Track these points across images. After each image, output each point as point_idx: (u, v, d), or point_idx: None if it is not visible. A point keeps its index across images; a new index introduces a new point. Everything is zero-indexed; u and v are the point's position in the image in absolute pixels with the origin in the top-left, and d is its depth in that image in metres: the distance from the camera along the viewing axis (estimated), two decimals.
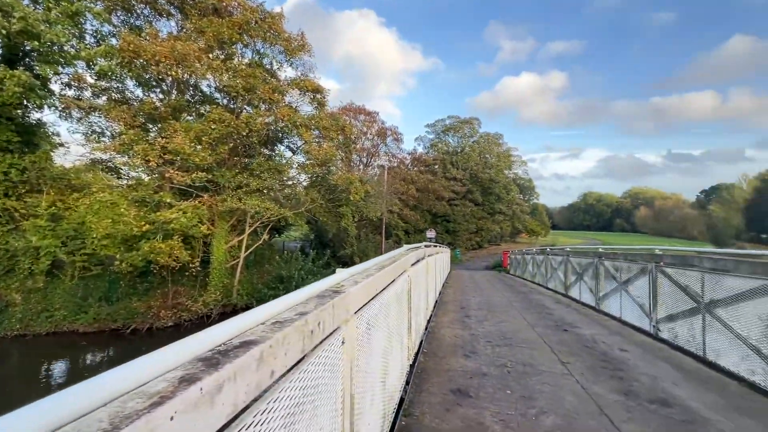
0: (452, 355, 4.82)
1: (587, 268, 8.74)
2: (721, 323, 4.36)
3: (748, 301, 3.98)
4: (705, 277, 4.63)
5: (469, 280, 16.03)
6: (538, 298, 9.89)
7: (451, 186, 47.13)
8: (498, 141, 58.57)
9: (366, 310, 2.27)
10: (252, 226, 20.24)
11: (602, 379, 4.02)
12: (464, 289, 12.18)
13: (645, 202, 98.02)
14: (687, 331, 4.99)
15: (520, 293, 11.10)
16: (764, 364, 3.75)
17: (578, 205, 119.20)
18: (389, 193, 30.10)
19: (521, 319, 7.08)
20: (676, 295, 5.24)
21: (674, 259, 5.35)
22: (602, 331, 6.14)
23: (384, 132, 34.93)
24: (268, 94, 15.64)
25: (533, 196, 73.59)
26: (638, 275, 6.31)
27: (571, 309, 8.27)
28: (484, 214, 51.26)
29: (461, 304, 8.77)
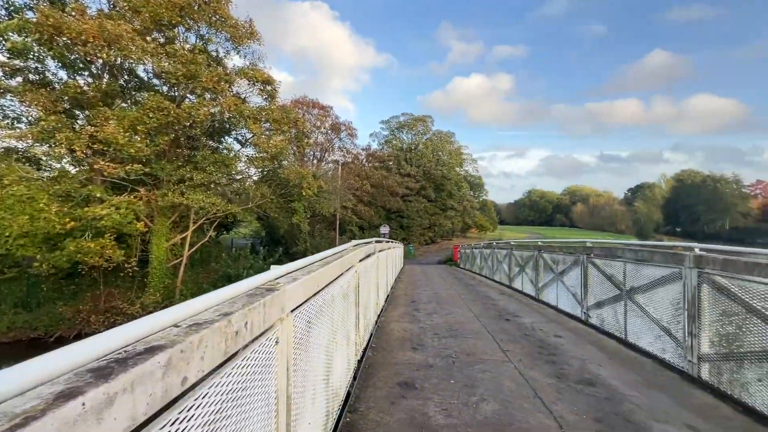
0: (400, 348, 4.89)
1: (528, 260, 9.30)
2: (639, 308, 4.83)
3: (660, 287, 4.45)
4: (627, 267, 5.11)
5: (421, 274, 16.39)
6: (484, 290, 10.36)
7: (405, 182, 47.76)
8: (450, 139, 60.25)
9: (306, 307, 2.21)
10: (197, 222, 19.09)
11: (538, 364, 4.29)
12: (416, 283, 12.43)
13: (581, 199, 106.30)
14: (612, 316, 5.49)
15: (468, 286, 11.55)
16: (673, 344, 4.22)
17: (523, 201, 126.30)
18: (343, 189, 29.87)
19: (468, 310, 7.36)
20: (603, 284, 5.73)
21: (602, 250, 5.85)
22: (540, 319, 6.56)
23: (338, 126, 34.54)
24: (212, 82, 14.73)
25: (483, 193, 76.71)
26: (572, 266, 6.83)
27: (513, 299, 8.75)
28: (437, 210, 52.63)
29: (412, 298, 8.93)
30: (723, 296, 3.56)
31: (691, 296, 3.92)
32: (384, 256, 8.27)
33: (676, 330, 4.15)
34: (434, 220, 51.47)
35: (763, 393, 3.12)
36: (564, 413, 3.13)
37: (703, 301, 3.80)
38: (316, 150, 36.49)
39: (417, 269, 19.98)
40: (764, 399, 3.11)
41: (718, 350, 3.63)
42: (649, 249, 4.80)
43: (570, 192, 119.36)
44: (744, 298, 3.32)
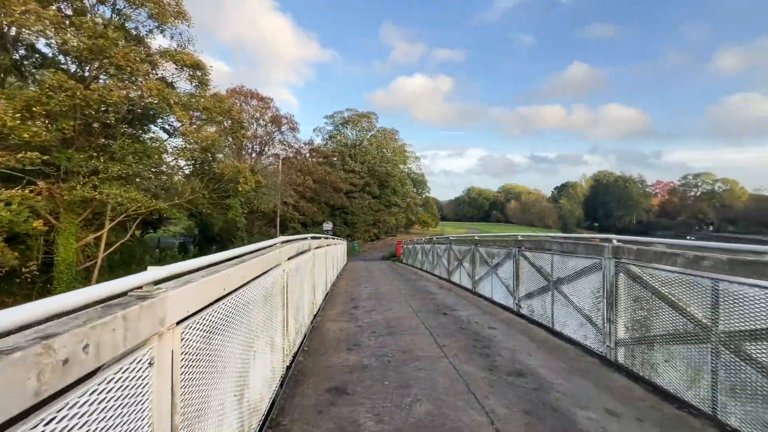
0: (335, 350, 4.63)
1: (466, 254, 9.53)
2: (564, 298, 5.07)
3: (583, 277, 4.69)
4: (554, 259, 5.35)
5: (364, 270, 16.23)
6: (424, 285, 10.46)
7: (349, 178, 47.36)
8: (394, 136, 60.86)
9: (206, 316, 1.86)
10: (114, 220, 17.03)
11: (472, 358, 4.29)
12: (357, 279, 12.22)
13: (515, 196, 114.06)
14: (541, 306, 5.73)
15: (408, 281, 11.60)
16: (594, 331, 4.46)
17: (463, 198, 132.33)
18: (285, 185, 28.71)
19: (407, 306, 7.31)
20: (533, 275, 5.97)
21: (532, 243, 6.09)
22: (476, 312, 6.70)
23: (279, 119, 33.07)
24: (125, 60, 13.09)
25: (425, 190, 78.83)
26: (505, 259, 7.06)
27: (452, 293, 8.91)
28: (382, 207, 52.96)
29: (352, 295, 8.70)
30: (636, 284, 3.80)
31: (609, 285, 4.16)
32: (322, 253, 7.93)
33: (597, 317, 4.39)
34: (379, 216, 51.74)
35: (669, 372, 3.36)
36: (496, 407, 3.10)
37: (620, 289, 4.04)
38: (255, 143, 34.69)
39: (360, 266, 19.81)
40: (669, 378, 3.35)
41: (632, 335, 3.88)
42: (573, 241, 5.06)
43: (505, 190, 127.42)
44: (654, 285, 3.56)
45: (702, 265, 3.03)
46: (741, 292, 2.75)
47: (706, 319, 3.02)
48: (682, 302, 3.26)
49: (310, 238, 6.21)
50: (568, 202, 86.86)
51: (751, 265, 2.66)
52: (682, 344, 3.25)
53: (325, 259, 8.68)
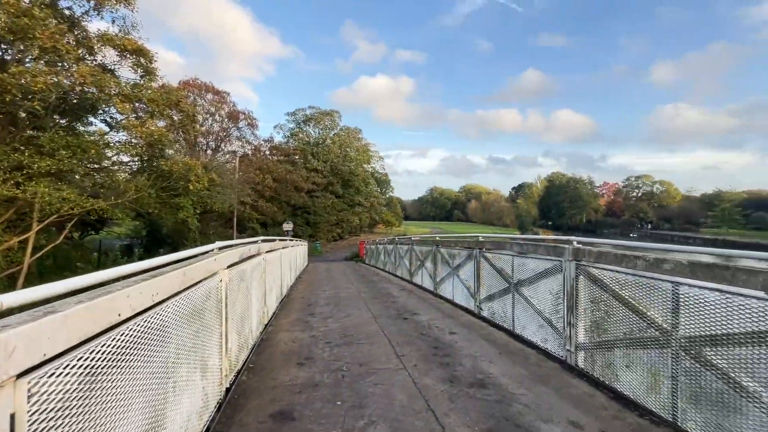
0: (284, 365, 4.20)
1: (427, 255, 9.37)
2: (525, 300, 4.97)
3: (543, 279, 4.60)
4: (515, 261, 5.24)
5: (325, 272, 15.72)
6: (385, 287, 10.19)
7: (311, 177, 46.31)
8: (358, 135, 60.42)
9: (81, 354, 1.41)
10: (43, 221, 15.24)
11: (432, 368, 4.04)
12: (317, 282, 11.73)
13: (475, 196, 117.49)
14: (502, 309, 5.62)
15: (370, 283, 11.29)
16: (555, 334, 4.37)
17: (426, 198, 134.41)
18: (242, 183, 27.36)
19: (366, 311, 6.98)
20: (494, 277, 5.86)
21: (493, 244, 5.98)
22: (437, 315, 6.50)
23: (236, 114, 31.51)
24: (50, 41, 11.68)
25: (389, 190, 79.10)
26: (466, 260, 6.93)
27: (413, 295, 8.70)
28: (345, 206, 52.30)
29: (309, 300, 8.24)
30: (597, 287, 3.73)
31: (570, 288, 4.07)
32: (276, 256, 7.42)
33: (557, 321, 4.31)
34: (342, 216, 51.05)
35: (630, 378, 3.29)
36: (456, 427, 2.85)
37: (580, 291, 3.96)
38: (210, 139, 32.86)
39: (322, 267, 19.24)
40: (631, 384, 3.28)
41: (592, 339, 3.80)
42: (533, 243, 4.97)
43: (466, 190, 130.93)
44: (614, 288, 3.49)
45: (663, 268, 2.96)
46: (702, 296, 2.68)
47: (667, 323, 2.95)
48: (642, 306, 3.19)
49: (261, 242, 5.72)
50: (524, 202, 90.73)
51: (712, 268, 2.59)
52: (642, 349, 3.18)
53: (281, 262, 8.16)
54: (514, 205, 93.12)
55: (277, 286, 7.60)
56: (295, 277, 12.27)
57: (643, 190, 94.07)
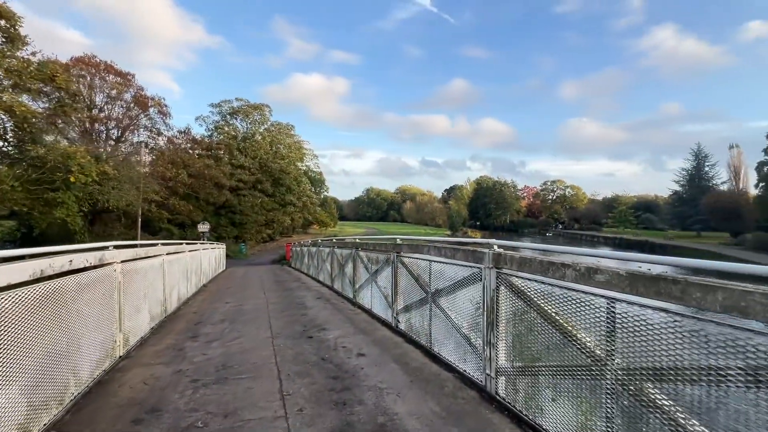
0: (115, 423, 2.94)
1: (347, 259, 8.45)
2: (443, 313, 4.27)
3: (463, 289, 3.92)
4: (432, 267, 4.52)
5: (241, 279, 14.03)
6: (301, 296, 9.05)
7: (237, 174, 42.97)
8: (290, 132, 57.73)
9: None
10: None
11: (322, 412, 3.09)
12: (223, 292, 10.17)
13: (410, 197, 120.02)
14: (419, 322, 4.88)
15: (285, 291, 10.04)
16: (474, 355, 3.69)
17: (363, 198, 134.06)
18: (149, 178, 23.95)
19: (266, 329, 5.82)
20: (411, 285, 5.11)
21: (411, 248, 5.23)
22: (349, 331, 5.59)
23: (144, 101, 27.60)
24: None
25: (324, 189, 77.10)
26: (384, 266, 6.13)
27: (329, 305, 7.71)
28: (276, 206, 49.39)
29: (201, 317, 6.81)
30: (520, 300, 3.09)
31: (489, 300, 3.41)
32: (156, 265, 5.92)
33: (476, 339, 3.64)
34: (273, 216, 48.04)
35: (557, 415, 2.66)
36: None
37: (501, 305, 3.31)
38: (111, 126, 28.47)
39: (240, 272, 17.36)
40: (558, 422, 2.65)
41: (515, 363, 3.16)
42: (452, 246, 4.29)
43: (401, 191, 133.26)
44: (539, 302, 2.86)
45: (595, 279, 2.35)
46: (643, 316, 2.09)
47: (600, 349, 2.35)
48: (570, 325, 2.57)
49: (113, 248, 4.30)
50: (455, 204, 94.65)
51: (656, 281, 2.00)
52: (571, 379, 2.57)
53: (165, 273, 6.62)
54: (446, 206, 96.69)
55: (156, 303, 6.09)
56: (199, 286, 10.56)
57: (557, 194, 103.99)
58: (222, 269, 17.88)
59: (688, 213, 62.40)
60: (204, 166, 27.27)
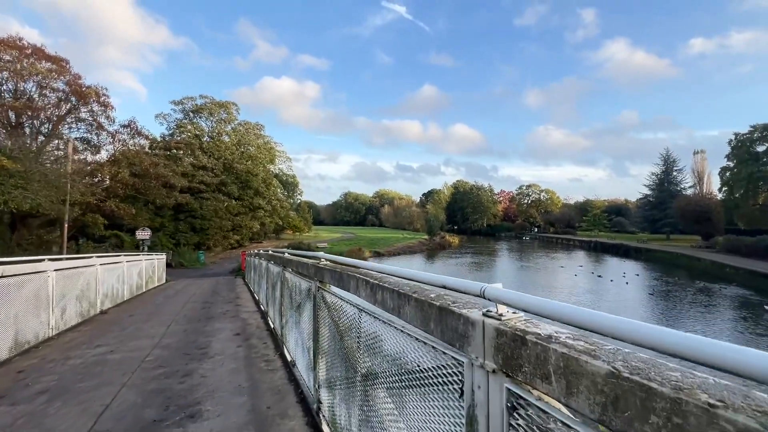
0: None
1: (277, 280, 6.08)
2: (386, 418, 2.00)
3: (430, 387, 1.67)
4: (362, 318, 2.26)
5: (167, 298, 11.35)
6: (218, 329, 6.59)
7: (200, 176, 39.61)
8: (259, 132, 54.65)
9: None
10: None
11: None
12: (122, 321, 7.55)
13: (388, 201, 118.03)
14: (346, 418, 2.59)
15: (203, 320, 7.52)
16: None
17: (340, 203, 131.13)
18: (77, 176, 20.65)
19: (91, 416, 3.38)
20: (336, 344, 2.82)
21: (334, 276, 2.92)
22: (240, 420, 3.25)
23: (80, 91, 24.16)
24: None
25: (298, 193, 74.00)
26: (306, 299, 3.82)
27: (243, 350, 5.31)
28: (244, 210, 46.05)
29: (29, 376, 4.28)
30: None
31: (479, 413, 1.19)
32: None
33: None
34: (240, 221, 44.63)
35: None
36: None
37: None
38: (42, 118, 24.84)
39: (177, 287, 14.59)
40: None
41: None
42: (409, 289, 2.06)
43: (379, 195, 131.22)
44: None
45: None
46: None
47: None
48: None
49: None
50: (433, 208, 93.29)
51: None
52: None
53: None
54: (423, 211, 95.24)
55: None
56: (96, 311, 7.91)
57: (532, 198, 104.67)
58: (156, 284, 15.05)
59: (658, 216, 63.39)
60: (150, 163, 24.09)
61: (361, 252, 43.44)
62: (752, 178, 45.78)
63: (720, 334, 14.64)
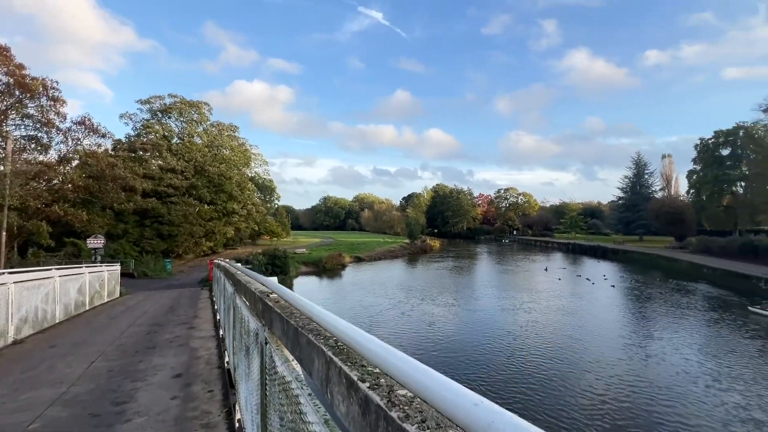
0: None
1: (230, 303, 4.72)
2: None
3: None
4: None
5: (122, 315, 9.68)
6: (151, 368, 5.10)
7: (168, 179, 37.22)
8: (233, 133, 52.34)
9: None
10: None
11: None
12: (40, 357, 5.94)
13: (368, 205, 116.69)
14: None
15: (141, 352, 5.99)
16: None
17: (319, 207, 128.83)
18: (26, 178, 18.37)
19: None
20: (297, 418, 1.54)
21: (286, 330, 1.64)
22: None
23: (23, 82, 21.73)
24: None
25: (275, 197, 71.63)
26: (253, 347, 2.52)
27: (179, 402, 3.91)
28: (217, 215, 43.61)
29: None
30: None
31: None
32: None
33: None
34: (213, 226, 42.12)
35: None
36: None
37: None
38: None
39: (132, 302, 12.80)
40: None
41: None
42: None
43: (359, 199, 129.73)
44: None
45: None
46: None
47: None
48: None
49: None
50: (413, 211, 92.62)
51: None
52: None
53: None
54: (404, 215, 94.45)
55: None
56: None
57: (510, 201, 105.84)
58: (105, 299, 13.17)
59: (631, 218, 64.89)
60: (108, 164, 21.78)
61: (342, 257, 41.90)
62: (717, 181, 47.44)
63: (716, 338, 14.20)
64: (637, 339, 14.38)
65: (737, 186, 47.67)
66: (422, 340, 13.89)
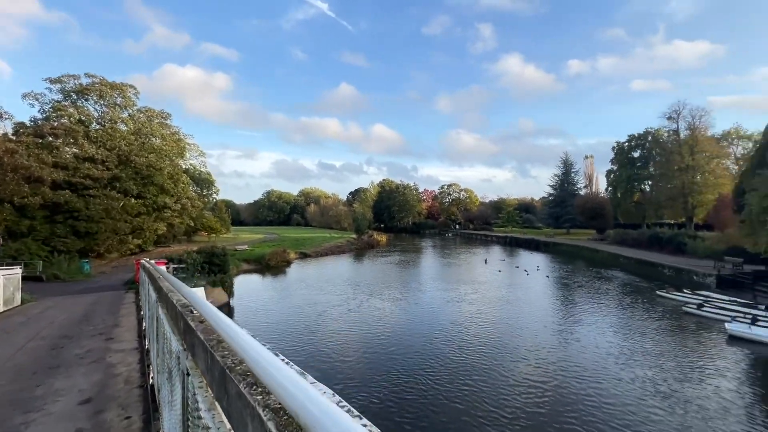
0: None
1: (154, 313, 4.11)
2: None
3: None
4: None
5: (21, 327, 8.21)
6: (52, 393, 4.27)
7: (85, 169, 33.09)
8: (165, 121, 47.94)
9: None
10: None
11: None
12: None
13: (314, 200, 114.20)
14: None
15: (40, 374, 5.03)
16: None
17: (263, 202, 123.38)
18: None
19: None
20: None
21: (209, 365, 1.29)
22: None
23: None
24: None
25: (213, 191, 67.17)
26: (176, 369, 2.10)
27: None
28: (146, 209, 39.68)
29: None
30: None
31: None
32: None
33: None
34: (141, 222, 38.20)
35: None
36: None
37: None
38: None
39: (36, 310, 11.04)
40: None
41: None
42: None
43: (305, 194, 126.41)
44: None
45: None
46: None
47: None
48: None
49: None
50: (360, 206, 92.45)
51: None
52: None
53: None
54: (351, 209, 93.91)
55: None
56: None
57: (453, 197, 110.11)
58: (1, 309, 11.21)
59: (560, 213, 70.87)
60: (6, 151, 18.47)
61: (286, 253, 40.45)
62: (630, 180, 53.61)
63: (631, 319, 15.94)
64: (567, 325, 15.61)
65: (645, 184, 54.07)
66: (371, 337, 13.78)
